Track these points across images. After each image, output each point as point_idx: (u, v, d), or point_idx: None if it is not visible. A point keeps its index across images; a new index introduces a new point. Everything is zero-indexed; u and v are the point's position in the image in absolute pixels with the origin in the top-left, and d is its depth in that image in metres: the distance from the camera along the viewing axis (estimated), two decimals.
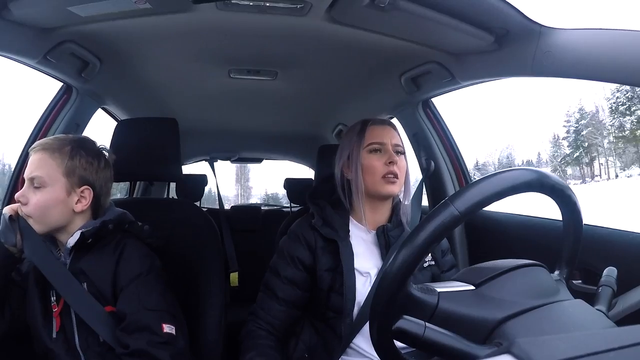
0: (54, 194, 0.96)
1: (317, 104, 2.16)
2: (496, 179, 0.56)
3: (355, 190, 1.10)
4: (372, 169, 1.09)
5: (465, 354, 0.52)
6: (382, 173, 1.08)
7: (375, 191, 1.09)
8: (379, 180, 1.08)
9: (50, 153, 0.97)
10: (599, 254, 1.09)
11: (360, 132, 1.13)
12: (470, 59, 1.34)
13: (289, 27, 1.25)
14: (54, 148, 0.98)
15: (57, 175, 0.97)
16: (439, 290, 0.59)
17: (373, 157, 1.10)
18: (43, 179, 0.95)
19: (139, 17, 1.15)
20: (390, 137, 1.12)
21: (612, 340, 0.34)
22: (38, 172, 0.96)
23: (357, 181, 1.10)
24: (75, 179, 0.99)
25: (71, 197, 0.99)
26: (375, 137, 1.11)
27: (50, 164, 0.97)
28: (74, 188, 0.99)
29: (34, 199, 0.95)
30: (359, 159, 1.10)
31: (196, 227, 1.30)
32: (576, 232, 0.68)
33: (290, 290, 1.09)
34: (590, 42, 0.94)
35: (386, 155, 1.09)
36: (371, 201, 1.12)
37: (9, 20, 1.08)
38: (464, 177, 1.79)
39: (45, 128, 1.51)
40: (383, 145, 1.10)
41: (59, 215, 0.97)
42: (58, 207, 0.97)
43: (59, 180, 0.97)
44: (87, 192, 1.00)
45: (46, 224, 0.97)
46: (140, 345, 0.90)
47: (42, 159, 0.97)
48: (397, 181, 1.08)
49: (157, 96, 1.94)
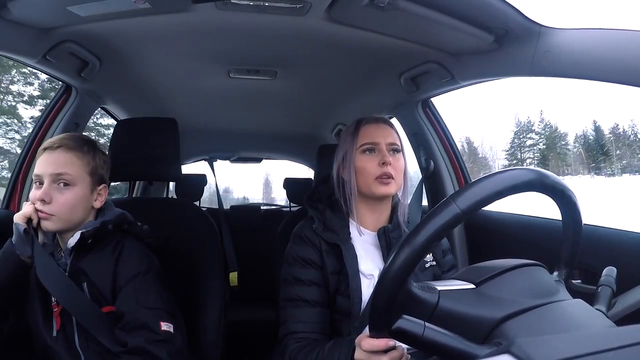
0: (81, 192, 0.99)
1: (316, 103, 2.16)
2: (497, 178, 0.56)
3: (350, 192, 1.09)
4: (365, 170, 1.07)
5: (464, 353, 0.52)
6: (375, 174, 1.06)
7: (370, 192, 1.08)
8: (372, 182, 1.06)
9: (75, 152, 1.00)
10: (598, 254, 1.09)
11: (354, 132, 1.11)
12: (469, 59, 1.34)
13: (289, 27, 1.25)
14: (77, 147, 1.01)
15: (83, 174, 1.00)
16: (440, 289, 0.60)
17: (366, 157, 1.08)
18: (73, 176, 0.98)
19: (139, 17, 1.15)
20: (385, 135, 1.10)
21: (612, 340, 0.34)
22: (67, 170, 0.97)
23: (350, 183, 1.09)
24: (96, 177, 1.04)
25: (93, 195, 1.03)
26: (368, 137, 1.09)
27: (78, 163, 0.99)
28: (95, 186, 1.03)
29: (61, 197, 0.96)
30: (353, 160, 1.09)
31: (195, 227, 1.30)
32: (576, 232, 0.68)
33: (316, 290, 1.06)
34: (590, 42, 0.94)
35: (379, 155, 1.07)
36: (368, 202, 1.11)
37: (9, 20, 1.08)
38: (463, 176, 1.79)
39: (45, 128, 1.51)
40: (376, 145, 1.08)
41: (81, 213, 1.00)
42: (83, 204, 1.00)
43: (85, 179, 1.00)
44: (103, 190, 1.05)
45: (69, 222, 0.98)
46: (138, 343, 0.90)
47: (70, 158, 0.99)
48: (393, 181, 1.06)
49: (156, 96, 1.94)
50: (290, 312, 1.05)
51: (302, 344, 1.00)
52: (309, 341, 1.00)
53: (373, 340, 0.73)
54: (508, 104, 76.84)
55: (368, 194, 1.09)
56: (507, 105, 72.89)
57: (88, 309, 0.94)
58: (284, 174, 2.88)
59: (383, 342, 0.72)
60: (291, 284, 1.07)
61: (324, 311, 1.06)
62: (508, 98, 77.45)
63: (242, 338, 2.16)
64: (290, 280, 1.08)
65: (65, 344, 0.96)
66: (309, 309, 1.04)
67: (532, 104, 49.78)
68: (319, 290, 1.06)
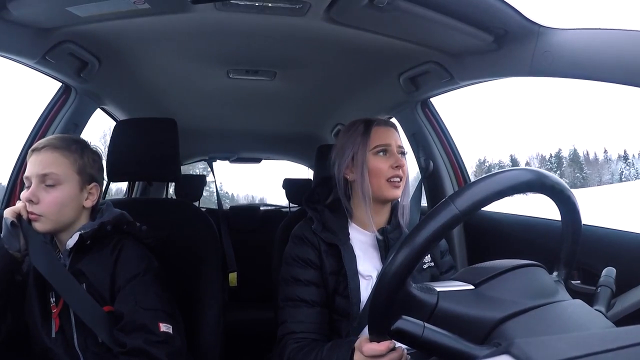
0: (69, 191, 0.98)
1: (315, 104, 2.15)
2: (496, 179, 0.56)
3: (362, 194, 1.08)
4: (379, 171, 1.07)
5: (464, 354, 0.52)
6: (387, 176, 1.06)
7: (380, 195, 1.08)
8: (384, 183, 1.07)
9: (61, 151, 0.99)
10: (597, 254, 1.09)
11: (364, 133, 1.10)
12: (469, 59, 1.34)
13: (288, 27, 1.25)
14: (64, 147, 1.00)
15: (71, 172, 0.99)
16: (439, 290, 0.60)
17: (379, 159, 1.08)
18: (58, 176, 0.97)
19: (138, 17, 1.15)
20: (395, 138, 1.11)
21: (611, 340, 0.34)
22: (52, 169, 0.96)
23: (363, 184, 1.08)
24: (85, 176, 1.02)
25: (82, 194, 1.02)
26: (382, 139, 1.09)
27: (64, 162, 0.99)
28: (84, 185, 1.02)
29: (48, 197, 0.96)
30: (365, 161, 1.08)
31: (195, 227, 1.30)
32: (575, 233, 0.68)
33: (315, 290, 1.06)
34: (590, 42, 0.94)
35: (392, 158, 1.08)
36: (373, 204, 1.11)
37: (8, 21, 1.07)
38: (462, 177, 1.79)
39: (44, 128, 1.51)
40: (389, 147, 1.09)
41: (71, 212, 0.99)
42: (71, 204, 0.99)
43: (72, 177, 0.99)
44: (94, 189, 1.04)
45: (58, 222, 0.97)
46: (137, 344, 0.90)
47: (56, 157, 0.98)
48: (401, 185, 1.08)
49: (155, 96, 1.94)
50: (289, 312, 1.05)
51: (301, 344, 1.00)
52: (308, 341, 1.00)
53: (373, 345, 0.73)
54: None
55: (378, 195, 1.08)
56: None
57: (88, 304, 0.94)
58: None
59: (384, 346, 0.72)
60: (290, 284, 1.07)
61: (322, 311, 1.06)
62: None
63: (241, 338, 2.16)
64: (290, 281, 1.08)
65: (64, 344, 0.96)
66: (308, 309, 1.04)
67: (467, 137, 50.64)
68: (318, 291, 1.06)
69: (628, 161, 59.57)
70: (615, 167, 64.41)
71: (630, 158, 58.01)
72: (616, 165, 64.48)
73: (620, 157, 64.33)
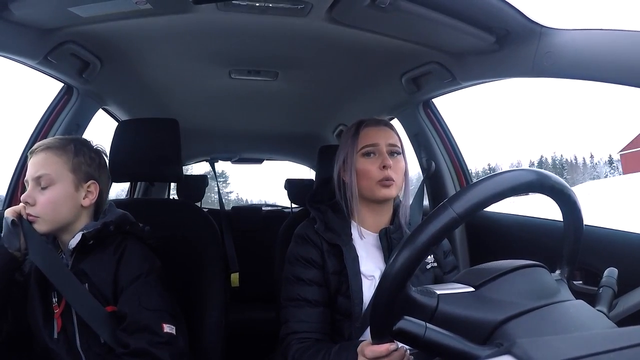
0: (63, 190, 0.98)
1: (317, 104, 2.15)
2: (495, 180, 0.56)
3: (351, 195, 1.09)
4: (367, 173, 1.07)
5: (466, 354, 0.52)
6: (377, 178, 1.06)
7: (372, 195, 1.08)
8: (374, 185, 1.06)
9: (54, 151, 0.99)
10: (599, 255, 1.09)
11: (354, 134, 1.11)
12: (471, 60, 1.34)
13: (290, 28, 1.25)
14: (58, 147, 1.00)
15: (64, 171, 0.99)
16: (439, 293, 0.59)
17: (367, 161, 1.08)
18: (51, 176, 0.96)
19: (140, 18, 1.15)
20: (385, 137, 1.10)
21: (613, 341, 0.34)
22: (45, 170, 0.96)
23: (352, 186, 1.09)
24: (81, 174, 1.01)
25: (79, 193, 1.01)
26: (369, 139, 1.09)
27: (56, 162, 0.98)
28: (80, 183, 1.01)
29: (42, 198, 0.95)
30: (353, 163, 1.09)
31: (197, 228, 1.30)
32: (577, 233, 0.68)
33: (318, 289, 1.06)
34: (591, 43, 0.94)
35: (380, 158, 1.07)
36: (369, 204, 1.11)
37: (10, 21, 1.08)
38: (464, 177, 1.79)
39: (46, 129, 1.51)
40: (377, 147, 1.08)
41: (68, 212, 0.99)
42: (67, 203, 0.98)
43: (66, 176, 0.99)
44: (93, 187, 1.03)
45: (55, 222, 0.97)
46: (140, 345, 0.90)
47: (48, 158, 0.98)
48: (394, 184, 1.06)
49: (157, 97, 1.94)
50: (292, 312, 1.05)
51: (306, 344, 0.99)
52: (312, 342, 1.00)
53: (375, 347, 0.73)
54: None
55: (370, 196, 1.09)
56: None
57: (91, 304, 0.94)
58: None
59: (384, 348, 0.72)
60: (293, 284, 1.07)
61: (325, 311, 1.06)
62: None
63: (244, 338, 2.16)
64: (292, 280, 1.08)
65: (66, 345, 0.96)
66: (311, 309, 1.04)
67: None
68: (320, 290, 1.06)
69: (613, 165, 61.28)
70: (600, 170, 66.10)
71: (614, 162, 59.66)
72: (602, 168, 66.37)
73: (605, 162, 66.42)
